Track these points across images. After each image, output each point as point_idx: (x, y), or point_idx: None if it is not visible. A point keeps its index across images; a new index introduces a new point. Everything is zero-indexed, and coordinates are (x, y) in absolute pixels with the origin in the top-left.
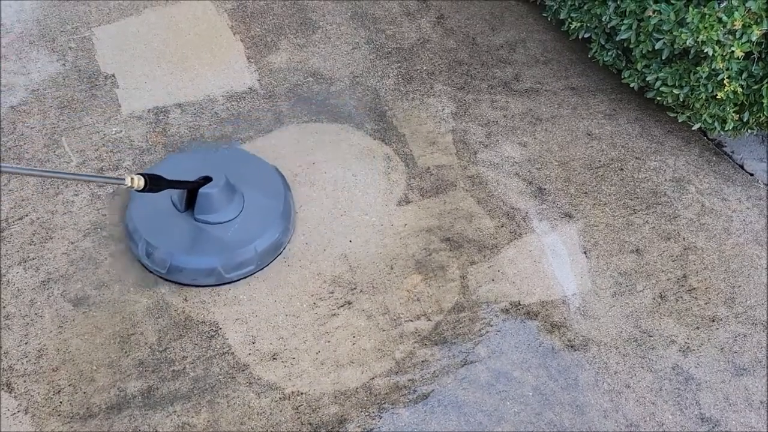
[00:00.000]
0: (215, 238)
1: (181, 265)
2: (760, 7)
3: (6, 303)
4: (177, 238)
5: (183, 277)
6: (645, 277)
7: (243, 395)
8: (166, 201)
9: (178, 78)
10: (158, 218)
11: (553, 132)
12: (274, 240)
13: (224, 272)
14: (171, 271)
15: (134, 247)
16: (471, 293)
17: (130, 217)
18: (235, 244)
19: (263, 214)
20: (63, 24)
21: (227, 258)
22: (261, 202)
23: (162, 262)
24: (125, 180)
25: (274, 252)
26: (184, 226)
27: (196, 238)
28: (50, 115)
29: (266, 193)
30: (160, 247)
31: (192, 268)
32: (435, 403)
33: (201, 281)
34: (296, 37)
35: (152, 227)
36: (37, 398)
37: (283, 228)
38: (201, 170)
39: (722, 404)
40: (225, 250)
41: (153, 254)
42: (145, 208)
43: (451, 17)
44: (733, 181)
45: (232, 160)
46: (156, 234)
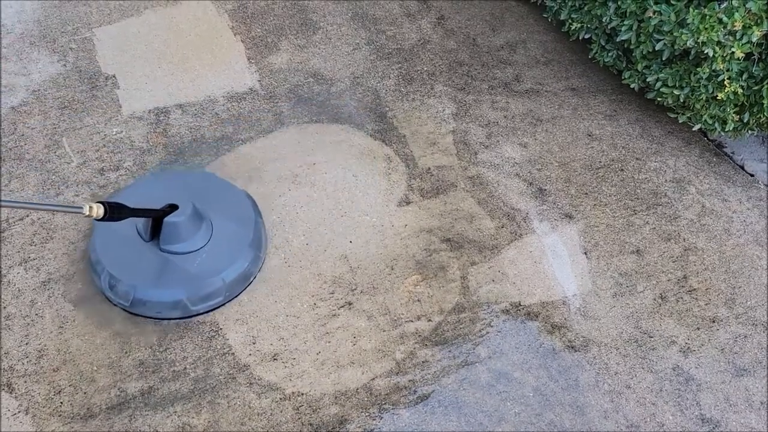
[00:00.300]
0: (181, 269)
1: (144, 298)
2: (760, 8)
3: (6, 303)
4: (141, 270)
5: (147, 310)
6: (645, 278)
7: (243, 396)
8: (131, 229)
9: (179, 79)
10: (122, 248)
11: (553, 133)
12: (243, 270)
13: (190, 305)
14: (134, 304)
15: (97, 279)
16: (471, 294)
17: (93, 248)
18: (202, 275)
19: (232, 243)
20: (64, 25)
21: (193, 290)
22: (230, 230)
23: (125, 294)
24: (83, 209)
25: (243, 282)
26: (149, 257)
27: (161, 269)
28: (51, 115)
29: (235, 220)
30: (123, 280)
31: (156, 301)
32: (435, 403)
33: (166, 314)
34: (297, 38)
35: (116, 258)
36: (37, 398)
37: (253, 257)
38: (167, 196)
39: (723, 405)
40: (191, 282)
41: (116, 287)
42: (110, 237)
43: (452, 18)
44: (733, 182)
45: (201, 185)
46: (119, 265)
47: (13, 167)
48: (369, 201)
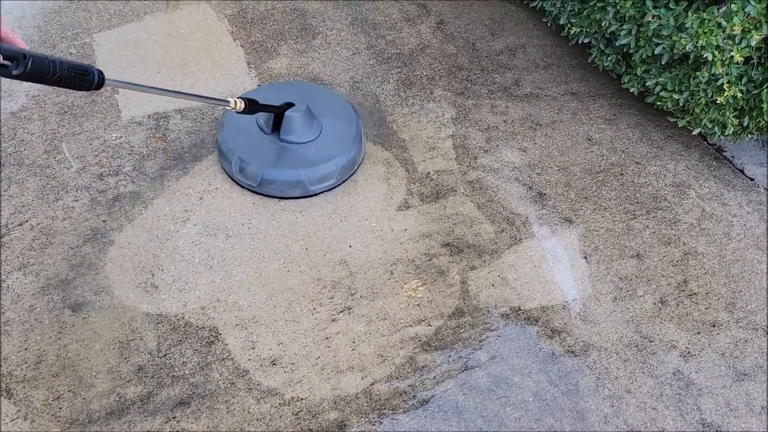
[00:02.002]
0: (300, 155)
1: (271, 178)
2: (759, 12)
3: (5, 308)
4: (266, 156)
5: (272, 190)
6: (645, 282)
7: (243, 401)
8: (252, 126)
9: (179, 84)
10: (248, 139)
11: (553, 137)
12: (350, 158)
13: (309, 185)
14: (262, 183)
15: (227, 165)
16: (471, 298)
17: (224, 140)
18: (317, 160)
19: (340, 137)
20: (64, 30)
21: (311, 172)
22: (337, 127)
23: (254, 176)
24: (230, 102)
25: (350, 168)
26: (271, 146)
27: (282, 155)
28: (50, 120)
29: (341, 119)
30: (253, 162)
31: (281, 180)
32: (435, 408)
33: (288, 193)
34: (296, 43)
35: (244, 146)
36: (36, 404)
37: (357, 148)
38: (282, 98)
39: (723, 410)
40: (309, 165)
41: (246, 169)
42: (236, 131)
43: (451, 23)
44: (733, 186)
45: (309, 93)
46: (248, 152)
47: (13, 172)
48: (368, 205)
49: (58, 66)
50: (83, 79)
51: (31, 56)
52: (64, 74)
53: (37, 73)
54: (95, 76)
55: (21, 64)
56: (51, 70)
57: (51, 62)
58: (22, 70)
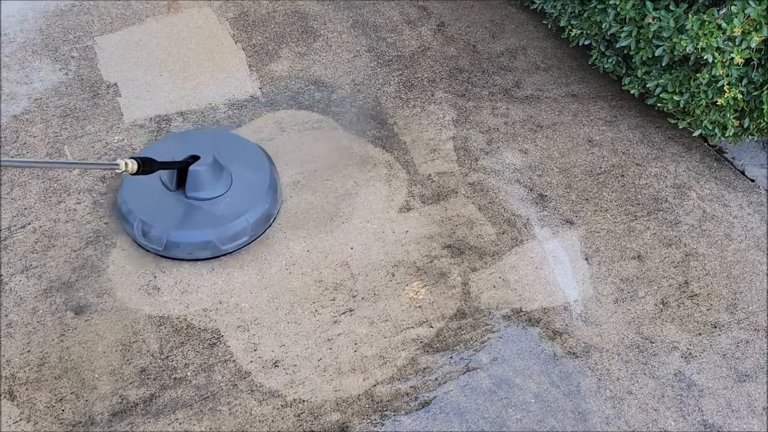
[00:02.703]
0: (208, 212)
1: (177, 241)
2: (759, 14)
3: (8, 311)
4: (171, 216)
5: (180, 252)
6: (647, 284)
7: (245, 403)
8: (156, 182)
9: (180, 86)
10: (151, 198)
11: (553, 139)
12: (264, 211)
13: (219, 244)
14: (168, 247)
15: (129, 228)
16: (473, 300)
17: (123, 200)
18: (228, 217)
19: (252, 188)
20: (66, 33)
21: (221, 230)
22: (248, 177)
23: (158, 240)
24: (119, 165)
25: (265, 222)
26: (176, 204)
27: (189, 214)
28: (53, 123)
29: (252, 168)
30: (156, 225)
31: (189, 243)
32: (437, 410)
33: (197, 255)
34: (297, 46)
35: (146, 207)
36: (39, 406)
37: (272, 199)
38: (188, 151)
39: (725, 410)
40: (219, 223)
41: (149, 233)
42: (137, 190)
43: (452, 25)
44: (734, 187)
45: (217, 141)
46: (150, 213)
47: (16, 175)
48: (370, 207)
49: None
50: None
51: None
52: None
53: None
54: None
55: None
56: None
57: None
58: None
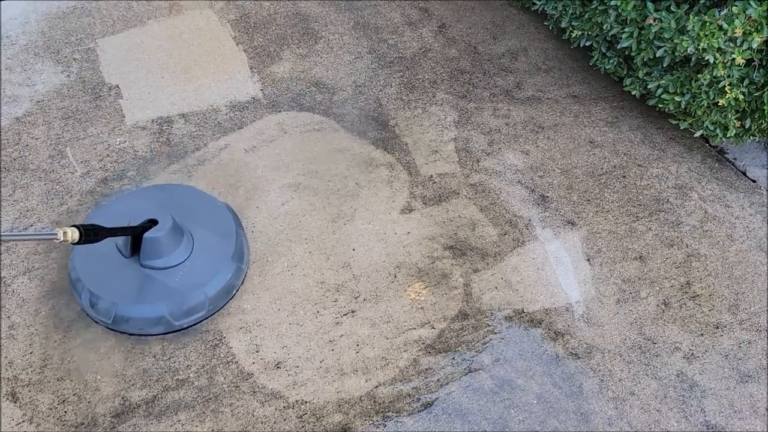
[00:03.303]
0: (162, 284)
1: (126, 315)
2: (760, 15)
3: (11, 313)
4: (122, 287)
5: (129, 327)
6: (649, 284)
7: (247, 404)
8: (111, 246)
9: (182, 88)
10: (102, 265)
11: (555, 140)
12: (225, 283)
13: (173, 320)
14: (116, 321)
15: (77, 297)
16: (474, 301)
17: (73, 267)
18: (183, 290)
19: (214, 256)
20: (68, 36)
21: (176, 305)
22: (211, 243)
23: (107, 312)
24: (57, 234)
25: (226, 295)
26: (130, 273)
27: (142, 285)
28: (55, 125)
29: (217, 233)
30: (105, 297)
31: (139, 318)
32: (439, 411)
33: (148, 330)
34: (299, 47)
35: (96, 276)
36: (41, 408)
37: (235, 269)
38: (148, 209)
39: (727, 411)
40: (173, 297)
41: (97, 305)
42: (89, 255)
43: (453, 26)
44: (735, 188)
45: (181, 199)
46: (100, 283)
47: (18, 177)
48: (371, 209)
49: None
50: None
51: None
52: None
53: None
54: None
55: None
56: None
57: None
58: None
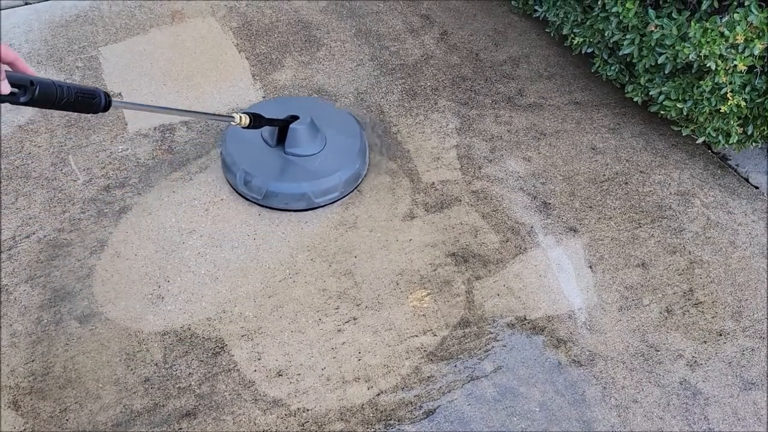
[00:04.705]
0: (304, 168)
1: (275, 191)
2: (762, 22)
3: (13, 321)
4: (271, 169)
5: (277, 202)
6: (651, 291)
7: (249, 412)
8: (257, 139)
9: (184, 96)
10: (253, 152)
11: (557, 146)
12: (354, 171)
13: (313, 197)
14: (267, 196)
15: (232, 177)
16: (476, 308)
17: (228, 152)
18: (322, 173)
19: (344, 150)
20: (70, 44)
21: (316, 185)
22: (341, 140)
23: (258, 189)
24: (234, 118)
25: (354, 181)
26: (276, 159)
27: (287, 168)
28: (57, 133)
29: (345, 133)
30: (257, 176)
31: (285, 193)
32: (441, 419)
33: (292, 205)
34: (301, 55)
35: (249, 160)
36: (43, 416)
37: (361, 161)
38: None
39: (731, 419)
40: (313, 178)
41: (250, 182)
42: (240, 144)
43: (455, 33)
44: (738, 195)
45: (314, 107)
46: (253, 165)
47: (20, 185)
48: (373, 216)
49: (65, 91)
50: (90, 102)
51: (38, 83)
52: (72, 99)
53: (44, 99)
54: (102, 99)
55: (29, 91)
56: (58, 96)
57: (58, 87)
58: (30, 98)
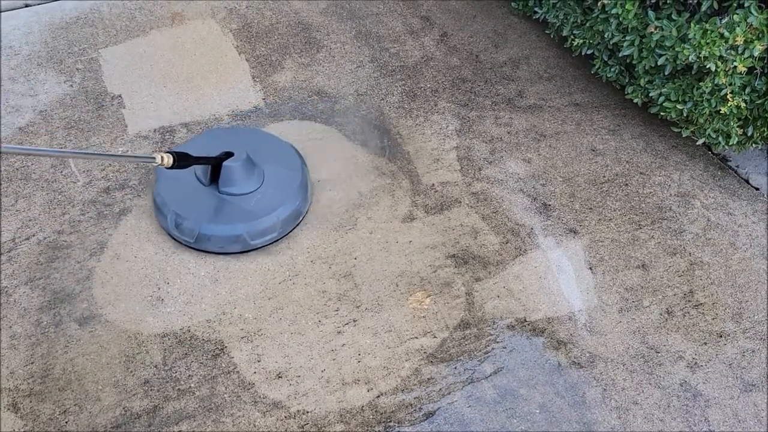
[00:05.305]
0: (239, 207)
1: (208, 234)
2: (761, 23)
3: (12, 323)
4: (203, 209)
5: (211, 245)
6: (651, 293)
7: (248, 414)
8: (190, 177)
9: (184, 98)
10: (185, 192)
11: (557, 148)
12: (294, 208)
13: (249, 239)
14: (199, 239)
15: (163, 219)
16: (476, 310)
17: (158, 192)
18: (258, 213)
19: (283, 186)
20: (70, 46)
21: (252, 225)
22: (280, 175)
23: (190, 231)
24: (155, 158)
25: (294, 219)
26: (210, 198)
27: (221, 208)
28: (57, 135)
29: (285, 167)
30: (189, 218)
31: (219, 236)
32: (441, 421)
33: (228, 248)
34: (301, 56)
35: (180, 200)
36: (42, 418)
37: (302, 198)
38: (223, 148)
39: (731, 421)
40: (249, 219)
41: (181, 225)
42: (172, 182)
43: (455, 35)
44: (738, 196)
45: (252, 139)
46: (184, 206)
47: (20, 187)
48: (373, 218)
49: None
50: None
51: None
52: None
53: None
54: None
55: None
56: None
57: None
58: None
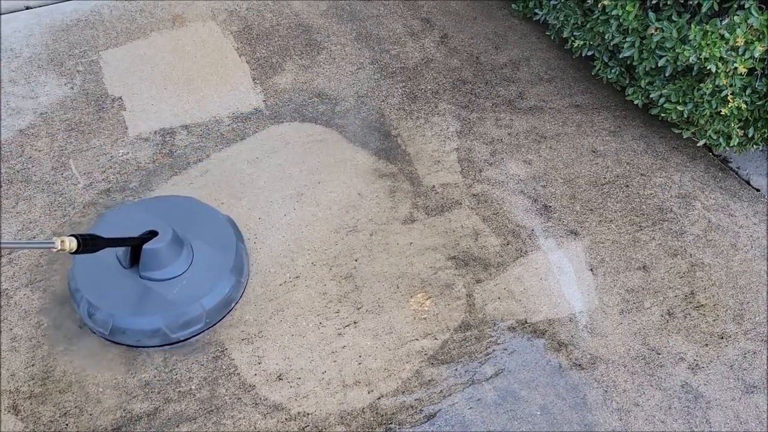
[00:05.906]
0: (160, 296)
1: (123, 327)
2: (762, 24)
3: (13, 325)
4: (120, 298)
5: (126, 339)
6: (652, 294)
7: (249, 416)
8: (112, 256)
9: (185, 100)
10: (102, 276)
11: (557, 149)
12: (223, 296)
13: (169, 332)
14: (113, 332)
15: (76, 307)
16: (477, 311)
17: (72, 276)
18: (181, 302)
19: (213, 269)
20: (71, 48)
21: (172, 317)
22: (211, 256)
23: (104, 323)
24: (54, 243)
25: (223, 309)
26: (128, 285)
27: (140, 296)
28: (58, 137)
29: (217, 246)
30: (102, 308)
31: (135, 329)
32: (442, 422)
33: (145, 342)
34: (301, 58)
35: (95, 286)
36: (43, 420)
37: (234, 283)
38: (149, 221)
39: (733, 422)
40: (170, 309)
41: (95, 315)
42: (90, 264)
43: (455, 37)
44: (739, 197)
45: (182, 210)
46: (98, 294)
47: (21, 189)
48: (374, 219)
49: None
50: None
51: None
52: None
53: None
54: None
55: None
56: None
57: None
58: None
